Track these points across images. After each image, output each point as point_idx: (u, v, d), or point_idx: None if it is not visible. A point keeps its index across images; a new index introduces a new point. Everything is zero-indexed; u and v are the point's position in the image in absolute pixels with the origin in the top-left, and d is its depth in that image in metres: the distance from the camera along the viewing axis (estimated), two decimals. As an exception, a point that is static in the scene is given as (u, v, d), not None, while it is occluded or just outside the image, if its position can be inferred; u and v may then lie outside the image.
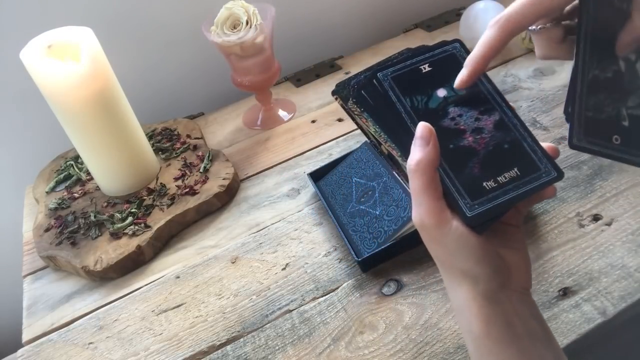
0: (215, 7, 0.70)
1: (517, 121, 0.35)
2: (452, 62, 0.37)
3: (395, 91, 0.36)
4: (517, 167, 0.34)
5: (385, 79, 0.36)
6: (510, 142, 0.34)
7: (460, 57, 0.37)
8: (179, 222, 0.66)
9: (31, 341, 0.57)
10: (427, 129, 0.33)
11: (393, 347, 0.48)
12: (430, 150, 0.33)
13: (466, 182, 0.33)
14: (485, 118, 0.35)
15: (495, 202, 0.33)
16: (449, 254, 0.34)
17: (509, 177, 0.33)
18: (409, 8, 1.02)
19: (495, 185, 0.33)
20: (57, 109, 0.62)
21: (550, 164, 0.34)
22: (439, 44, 0.38)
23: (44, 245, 0.65)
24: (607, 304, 0.48)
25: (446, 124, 0.35)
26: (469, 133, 0.35)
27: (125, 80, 0.67)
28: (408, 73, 0.37)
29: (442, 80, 0.36)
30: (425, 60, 0.37)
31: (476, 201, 0.33)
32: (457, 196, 0.33)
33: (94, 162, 0.68)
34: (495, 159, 0.34)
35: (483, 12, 0.81)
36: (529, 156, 0.34)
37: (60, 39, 0.60)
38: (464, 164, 0.34)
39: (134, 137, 0.68)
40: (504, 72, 0.81)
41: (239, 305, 0.56)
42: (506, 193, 0.33)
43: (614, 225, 0.54)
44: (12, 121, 0.83)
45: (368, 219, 0.57)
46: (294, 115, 0.83)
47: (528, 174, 0.33)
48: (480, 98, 0.36)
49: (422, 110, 0.35)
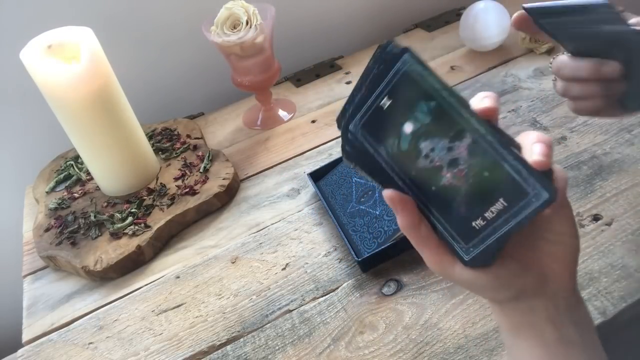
0: (215, 7, 0.70)
1: (492, 138, 0.29)
2: (409, 84, 0.32)
3: (369, 141, 0.34)
4: (502, 197, 0.29)
5: (356, 130, 0.34)
6: (490, 168, 0.29)
7: (415, 73, 0.32)
8: (179, 222, 0.66)
9: (31, 341, 0.57)
10: (389, 200, 0.33)
11: (393, 347, 0.48)
12: (403, 216, 0.32)
13: (456, 224, 0.31)
14: (457, 145, 0.30)
15: (487, 242, 0.30)
16: (466, 288, 0.35)
17: (496, 211, 0.29)
18: (409, 8, 1.02)
19: (484, 223, 0.30)
20: (57, 109, 0.62)
21: (539, 184, 0.28)
22: (388, 54, 0.33)
23: (44, 245, 0.65)
24: (607, 304, 0.48)
25: (422, 165, 0.32)
26: (445, 169, 0.31)
27: (125, 80, 0.67)
28: (373, 116, 0.34)
29: (405, 112, 0.32)
30: (383, 92, 0.33)
31: (470, 244, 0.31)
32: (452, 241, 0.32)
33: (94, 162, 0.68)
34: (478, 193, 0.30)
35: (483, 12, 0.81)
36: (513, 180, 0.29)
37: (60, 39, 0.60)
38: (450, 205, 0.31)
39: (134, 137, 0.68)
40: (504, 72, 0.81)
41: (239, 305, 0.56)
42: (496, 230, 0.30)
43: (614, 225, 0.54)
44: (12, 121, 0.83)
45: (368, 219, 0.57)
46: (294, 115, 0.83)
47: (516, 202, 0.29)
48: (446, 120, 0.31)
49: (397, 156, 0.33)
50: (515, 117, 0.72)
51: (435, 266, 0.33)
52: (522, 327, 0.33)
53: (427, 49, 0.92)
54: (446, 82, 0.30)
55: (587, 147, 0.64)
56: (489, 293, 0.34)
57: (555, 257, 0.32)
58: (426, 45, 0.93)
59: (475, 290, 0.34)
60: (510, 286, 0.32)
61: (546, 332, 0.33)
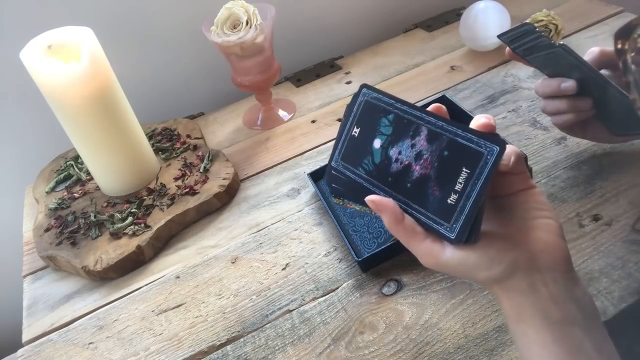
0: (215, 7, 0.70)
1: (442, 122, 0.35)
2: (370, 109, 0.39)
3: (349, 169, 0.39)
4: (464, 166, 0.34)
5: (337, 164, 0.40)
6: (448, 147, 0.35)
7: (372, 99, 0.39)
8: (179, 222, 0.66)
9: (31, 341, 0.57)
10: (371, 203, 0.36)
11: (393, 347, 0.48)
12: (387, 214, 0.35)
13: (435, 209, 0.35)
14: (418, 140, 0.36)
15: (465, 211, 0.34)
16: (463, 276, 0.37)
17: (463, 181, 0.34)
18: (409, 8, 1.02)
19: (456, 196, 0.34)
20: (57, 109, 0.62)
21: (488, 141, 0.33)
22: (353, 98, 0.40)
23: (44, 245, 0.65)
24: (607, 304, 0.48)
25: (395, 169, 0.37)
26: (414, 163, 0.36)
27: (125, 80, 0.67)
28: (348, 146, 0.40)
29: (372, 131, 0.39)
30: (352, 123, 0.40)
31: (452, 220, 0.34)
32: (436, 226, 0.35)
33: (94, 162, 0.68)
34: (445, 172, 0.35)
35: (483, 12, 0.81)
36: (468, 148, 0.34)
37: (60, 39, 0.60)
38: (425, 193, 0.36)
39: (134, 137, 0.68)
40: (504, 72, 0.81)
41: (239, 305, 0.56)
42: (469, 197, 0.34)
43: (614, 225, 0.54)
44: (12, 121, 0.83)
45: (368, 219, 0.57)
46: (294, 115, 0.83)
47: (476, 165, 0.33)
48: (404, 124, 0.37)
49: (374, 171, 0.38)
50: (515, 117, 0.72)
51: (426, 257, 0.36)
52: (526, 309, 0.34)
53: (427, 49, 0.92)
54: (396, 97, 0.38)
55: (587, 147, 0.64)
56: (482, 272, 0.34)
57: (539, 230, 0.34)
58: (426, 45, 0.93)
59: (469, 273, 0.35)
60: (501, 261, 0.34)
61: (550, 312, 0.33)
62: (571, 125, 0.56)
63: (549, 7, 0.85)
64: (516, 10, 0.91)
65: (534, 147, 0.66)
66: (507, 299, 0.35)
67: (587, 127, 0.56)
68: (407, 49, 0.93)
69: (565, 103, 0.53)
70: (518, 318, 0.34)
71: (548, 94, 0.54)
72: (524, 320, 0.34)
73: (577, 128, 0.57)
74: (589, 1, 0.94)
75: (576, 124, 0.56)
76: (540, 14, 0.81)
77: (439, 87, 0.81)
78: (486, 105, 0.75)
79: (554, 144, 0.66)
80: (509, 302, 0.35)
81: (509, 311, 0.35)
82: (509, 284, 0.34)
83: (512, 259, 0.34)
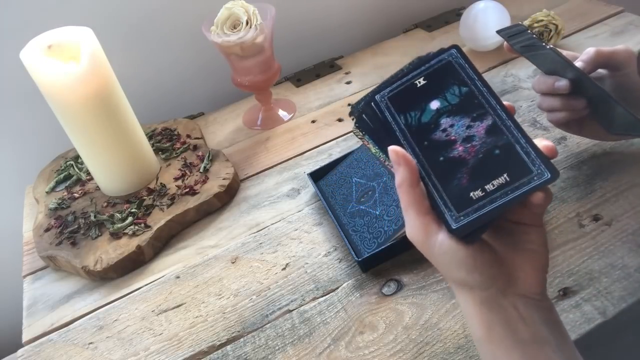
0: (215, 7, 0.70)
1: (511, 123, 0.34)
2: (448, 71, 0.37)
3: (390, 111, 0.37)
4: (506, 172, 0.33)
5: (382, 100, 0.37)
6: (502, 147, 0.34)
7: (456, 64, 0.37)
8: (179, 222, 0.66)
9: (31, 341, 0.57)
10: (394, 153, 0.35)
11: (393, 347, 0.48)
12: (404, 171, 0.34)
13: (453, 194, 0.34)
14: (477, 125, 0.35)
15: (480, 212, 0.32)
16: (440, 266, 0.35)
17: (497, 185, 0.32)
18: (409, 8, 1.02)
19: (482, 194, 0.33)
20: (57, 109, 0.62)
21: (544, 165, 0.32)
22: (438, 52, 0.38)
23: (44, 245, 0.65)
24: (608, 304, 0.48)
25: (437, 137, 0.35)
26: (459, 143, 0.35)
27: (125, 80, 0.67)
28: (403, 91, 0.37)
29: (436, 91, 0.37)
30: (421, 73, 0.37)
31: (462, 213, 0.33)
32: (444, 209, 0.34)
33: (94, 162, 0.68)
34: (485, 167, 0.33)
35: (483, 12, 0.81)
36: (521, 159, 0.33)
37: (60, 39, 0.60)
38: (453, 175, 0.34)
39: (134, 137, 0.68)
40: (504, 72, 0.81)
41: (239, 305, 0.56)
42: (493, 202, 0.32)
43: (614, 225, 0.54)
44: (12, 121, 0.83)
45: (368, 219, 0.57)
46: (294, 115, 0.83)
47: (518, 178, 0.32)
48: (474, 104, 0.35)
49: (415, 126, 0.36)
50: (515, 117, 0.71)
51: (417, 231, 0.34)
52: (495, 326, 0.34)
53: (427, 49, 0.92)
54: (481, 75, 0.36)
55: (587, 147, 0.64)
56: (461, 273, 0.34)
57: (527, 260, 0.35)
58: (426, 45, 0.93)
59: (448, 266, 0.34)
60: (482, 272, 0.34)
61: (519, 330, 0.34)
62: (567, 123, 0.56)
63: (549, 7, 0.86)
64: (516, 10, 0.91)
65: (534, 147, 0.66)
66: (477, 313, 0.35)
67: (583, 125, 0.56)
68: (407, 49, 0.93)
69: (559, 101, 0.54)
70: (488, 338, 0.34)
71: (544, 90, 0.54)
72: (493, 341, 0.34)
73: (573, 125, 0.57)
74: (589, 1, 0.94)
75: (572, 122, 0.56)
76: (540, 14, 0.81)
77: (439, 87, 0.81)
78: (486, 105, 0.75)
79: (554, 144, 0.66)
80: (478, 318, 0.34)
81: (477, 329, 0.35)
82: (480, 294, 0.34)
83: (493, 275, 0.34)
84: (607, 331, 0.47)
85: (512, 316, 0.34)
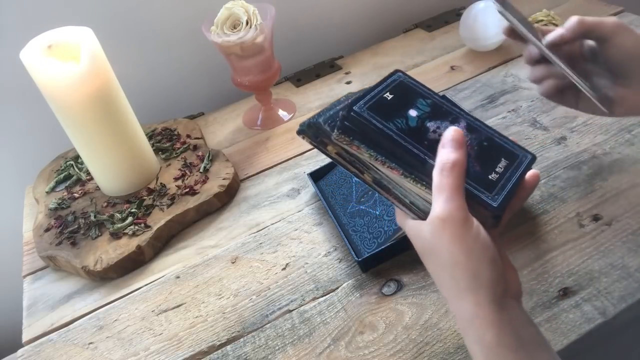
0: (215, 7, 0.70)
1: (480, 123, 0.40)
2: (406, 87, 0.41)
3: (376, 118, 0.38)
4: (503, 157, 0.39)
5: (362, 110, 0.39)
6: (487, 140, 0.39)
7: (408, 82, 0.41)
8: (179, 222, 0.66)
9: (31, 341, 0.57)
10: (459, 133, 0.36)
11: (393, 347, 0.48)
12: (464, 152, 0.36)
13: (477, 179, 0.37)
14: (458, 125, 0.39)
15: (507, 189, 0.37)
16: (467, 252, 0.34)
17: (503, 167, 0.38)
18: (409, 8, 1.02)
19: (498, 175, 0.38)
20: (57, 109, 0.62)
21: (522, 150, 0.39)
22: (385, 78, 0.41)
23: (44, 245, 0.65)
24: (608, 304, 0.48)
25: (432, 137, 0.38)
26: None
27: (125, 80, 0.67)
28: (377, 102, 0.39)
29: (407, 102, 0.40)
30: (383, 90, 0.40)
31: (493, 192, 0.37)
32: (478, 192, 0.37)
33: (94, 162, 0.68)
34: (485, 156, 0.38)
35: (483, 12, 0.81)
36: (505, 147, 0.40)
37: (60, 39, 0.60)
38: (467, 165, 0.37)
39: (134, 137, 0.68)
40: (504, 72, 0.81)
41: (239, 305, 0.56)
42: (509, 179, 0.37)
43: (614, 225, 0.54)
44: (12, 121, 0.83)
45: (368, 219, 0.57)
46: (294, 115, 0.83)
47: (514, 160, 0.39)
48: (443, 111, 0.40)
49: (407, 130, 0.38)
50: (515, 117, 0.72)
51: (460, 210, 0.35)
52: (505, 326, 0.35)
53: (427, 49, 0.92)
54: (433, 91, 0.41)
55: (587, 147, 0.64)
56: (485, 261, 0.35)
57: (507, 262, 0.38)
58: (426, 45, 0.93)
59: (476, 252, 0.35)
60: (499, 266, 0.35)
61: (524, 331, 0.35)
62: (560, 94, 0.54)
63: (549, 7, 0.86)
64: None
65: (534, 147, 0.66)
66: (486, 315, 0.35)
67: (579, 98, 0.53)
68: (407, 49, 0.93)
69: (543, 68, 0.53)
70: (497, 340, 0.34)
71: (526, 60, 0.55)
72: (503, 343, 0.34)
73: (569, 97, 0.54)
74: (589, 1, 0.94)
75: (567, 94, 0.53)
76: (540, 14, 0.81)
77: (439, 87, 0.81)
78: (486, 105, 0.75)
79: (554, 144, 0.66)
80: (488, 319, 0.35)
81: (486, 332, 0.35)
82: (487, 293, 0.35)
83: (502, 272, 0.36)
84: (607, 331, 0.47)
85: (514, 316, 0.34)
